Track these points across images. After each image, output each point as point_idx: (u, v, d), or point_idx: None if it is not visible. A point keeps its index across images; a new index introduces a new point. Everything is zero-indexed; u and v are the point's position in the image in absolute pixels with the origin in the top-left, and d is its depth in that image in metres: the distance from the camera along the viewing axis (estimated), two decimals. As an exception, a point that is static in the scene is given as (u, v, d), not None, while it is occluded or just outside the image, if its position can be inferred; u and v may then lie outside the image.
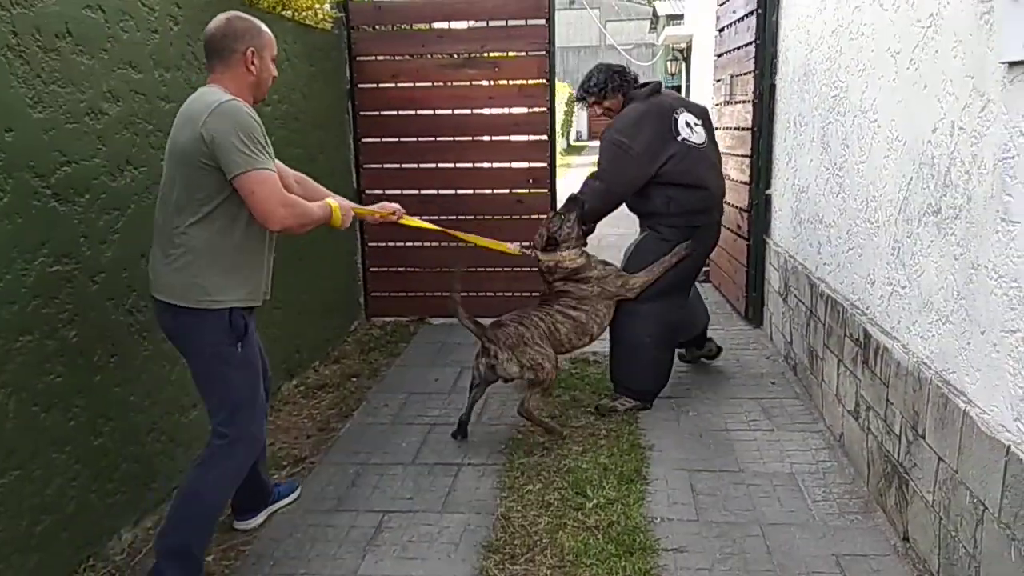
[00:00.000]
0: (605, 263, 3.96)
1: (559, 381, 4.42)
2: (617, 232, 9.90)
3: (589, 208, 3.91)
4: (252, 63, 2.51)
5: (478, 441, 3.76)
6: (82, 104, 2.66)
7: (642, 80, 4.13)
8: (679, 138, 3.82)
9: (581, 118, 38.91)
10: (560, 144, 26.80)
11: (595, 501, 3.12)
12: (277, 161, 2.69)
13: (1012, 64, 2.03)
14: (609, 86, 3.98)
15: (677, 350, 4.41)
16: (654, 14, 29.91)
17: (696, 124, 3.91)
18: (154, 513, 3.11)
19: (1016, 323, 2.03)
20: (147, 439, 3.08)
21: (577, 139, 37.25)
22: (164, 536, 2.57)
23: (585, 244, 3.97)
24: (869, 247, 3.19)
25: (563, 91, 25.58)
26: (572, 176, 18.89)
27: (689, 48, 10.86)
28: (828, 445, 3.59)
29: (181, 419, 3.30)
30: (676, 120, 3.85)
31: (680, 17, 19.90)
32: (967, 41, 2.30)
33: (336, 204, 2.72)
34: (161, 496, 3.17)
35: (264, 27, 2.58)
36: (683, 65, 12.27)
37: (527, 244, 4.06)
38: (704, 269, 4.45)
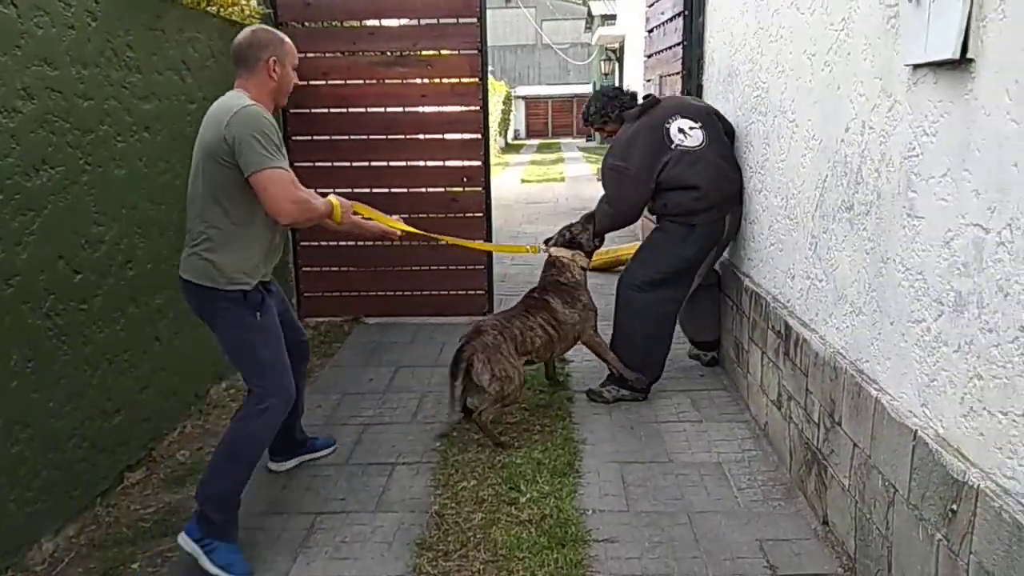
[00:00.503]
0: (591, 298, 4.14)
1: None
2: (553, 230, 10.04)
3: (599, 229, 4.19)
4: (274, 71, 2.79)
5: (413, 439, 3.76)
6: (-6, 101, 2.57)
7: (645, 93, 4.49)
8: (672, 146, 3.92)
9: (519, 117, 39.08)
10: (498, 143, 26.86)
11: (528, 495, 3.16)
12: None
13: (916, 66, 2.13)
14: (605, 113, 4.23)
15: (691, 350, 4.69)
16: (589, 14, 30.20)
17: (693, 127, 3.99)
18: (77, 521, 3.03)
19: (921, 313, 2.14)
20: (68, 445, 2.99)
21: (515, 138, 37.36)
22: (204, 485, 2.79)
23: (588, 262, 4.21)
24: (789, 242, 3.30)
25: (500, 90, 25.66)
26: (509, 175, 19.00)
27: (622, 48, 11.02)
28: (753, 434, 3.70)
29: (104, 424, 3.22)
30: (668, 130, 3.96)
31: (614, 17, 20.16)
32: (876, 44, 2.40)
33: (337, 202, 2.91)
34: (84, 503, 3.09)
35: (287, 39, 2.86)
36: (616, 65, 12.44)
37: (549, 239, 4.27)
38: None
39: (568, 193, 14.31)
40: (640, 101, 4.24)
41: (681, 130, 3.96)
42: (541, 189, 15.18)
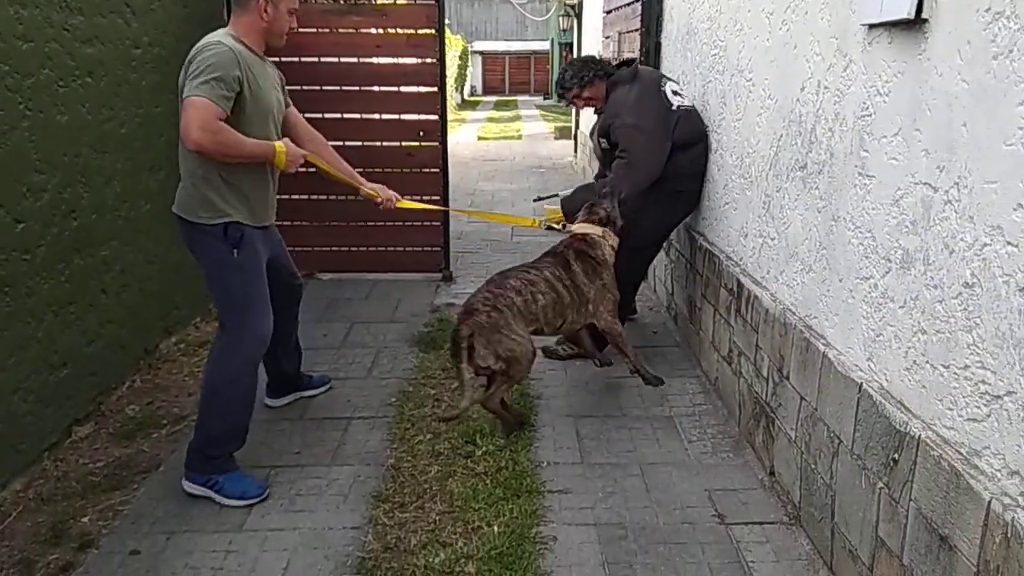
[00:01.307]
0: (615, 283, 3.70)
1: (449, 336, 4.45)
2: (509, 188, 10.00)
3: (625, 195, 3.81)
4: (265, 11, 2.80)
5: (368, 395, 3.75)
6: (-76, 39, 2.44)
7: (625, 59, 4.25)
8: (673, 107, 3.86)
9: (475, 73, 38.55)
10: (454, 99, 26.51)
11: (484, 449, 3.19)
12: (294, 111, 3.18)
13: (871, 26, 2.16)
14: (586, 76, 4.02)
15: None
16: (547, -32, 29.76)
17: (680, 90, 3.99)
18: (24, 475, 2.97)
19: (869, 270, 2.19)
20: (12, 399, 2.92)
21: (472, 94, 36.91)
22: (197, 428, 2.91)
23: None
24: (743, 201, 3.34)
25: (456, 44, 25.23)
26: (465, 131, 18.81)
27: (581, 4, 10.91)
28: (704, 389, 3.78)
29: (50, 377, 3.15)
30: (664, 93, 3.89)
31: (572, -28, 19.90)
32: (833, 3, 2.42)
33: (283, 146, 2.85)
34: (31, 457, 3.03)
35: None
36: (575, 21, 12.32)
37: (554, 222, 4.01)
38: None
39: (525, 151, 14.25)
40: (616, 65, 4.16)
41: (675, 92, 3.94)
42: (498, 147, 15.09)
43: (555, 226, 4.03)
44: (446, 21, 5.47)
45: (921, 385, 1.92)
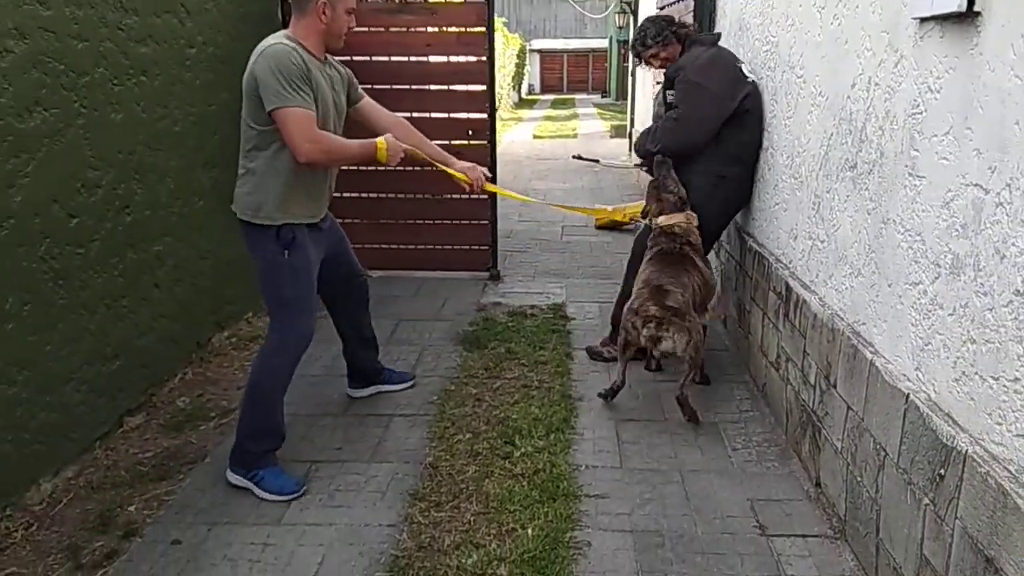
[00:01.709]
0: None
1: (496, 333, 4.46)
2: (562, 187, 9.95)
3: (663, 148, 3.80)
4: (324, 13, 2.81)
5: (411, 392, 3.77)
6: (-16, 41, 2.53)
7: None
8: (748, 79, 3.77)
9: (533, 71, 38.54)
10: (511, 97, 26.54)
11: (523, 450, 3.17)
12: (369, 101, 3.27)
13: (923, 20, 2.06)
14: (667, 33, 3.94)
15: None
16: (607, -35, 29.54)
17: (753, 73, 3.87)
18: (76, 463, 3.07)
19: (919, 275, 2.10)
20: (66, 388, 3.02)
21: (529, 92, 36.92)
22: (240, 422, 2.98)
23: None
24: (793, 202, 3.24)
25: (514, 43, 25.27)
26: (521, 130, 18.81)
27: (637, 1, 10.80)
28: (751, 395, 3.69)
29: (103, 368, 3.24)
30: (740, 67, 3.81)
31: (632, -31, 19.70)
32: (885, -4, 2.32)
33: (383, 141, 2.95)
34: (83, 446, 3.12)
35: None
36: (631, 19, 12.17)
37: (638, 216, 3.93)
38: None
39: (580, 149, 14.12)
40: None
41: (751, 71, 3.84)
42: (553, 145, 15.04)
43: (635, 220, 3.91)
44: (503, 19, 5.47)
45: (970, 397, 1.83)
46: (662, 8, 6.23)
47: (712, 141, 3.74)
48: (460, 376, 3.90)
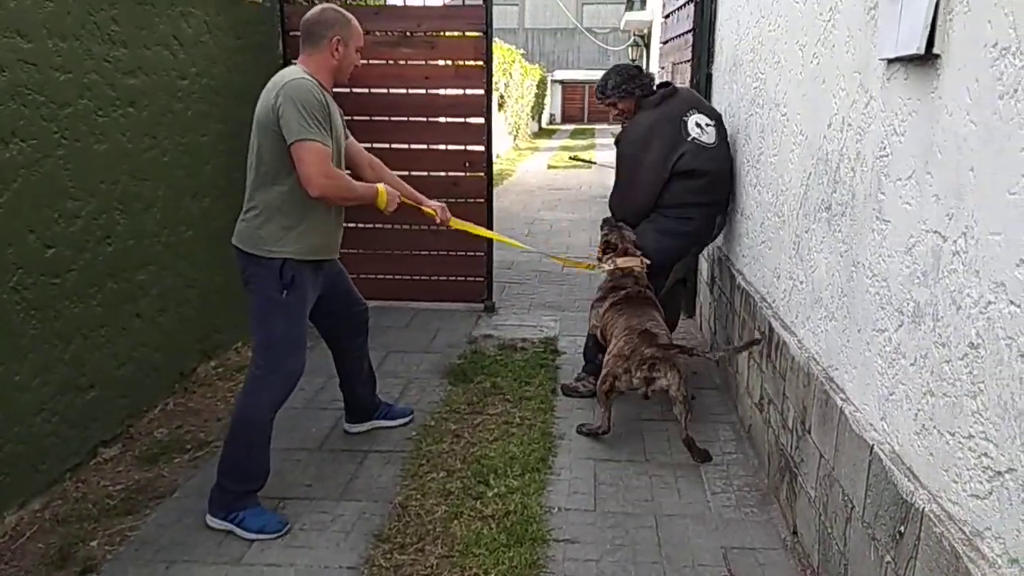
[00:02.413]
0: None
1: (483, 367, 4.41)
2: (570, 217, 9.90)
3: (620, 215, 4.08)
4: (336, 49, 2.89)
5: (390, 427, 3.71)
6: (-43, 73, 2.54)
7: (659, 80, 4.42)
8: (689, 138, 3.89)
9: (554, 101, 38.76)
10: (531, 127, 26.68)
11: (496, 490, 3.10)
12: (352, 140, 3.25)
13: (890, 61, 2.01)
14: (621, 89, 4.07)
15: None
16: (628, -2, 29.75)
17: (708, 125, 3.97)
18: (44, 495, 3.03)
19: (885, 323, 2.03)
20: (35, 420, 2.99)
21: (550, 122, 37.11)
22: (221, 460, 2.92)
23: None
24: (777, 241, 3.18)
25: (534, 74, 25.43)
26: (536, 160, 18.85)
27: (650, 34, 10.82)
28: (737, 437, 3.60)
29: (76, 399, 3.22)
30: (685, 123, 3.92)
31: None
32: (857, 36, 2.28)
33: (384, 189, 3.04)
34: (52, 478, 3.09)
35: (353, 20, 2.95)
36: (644, 51, 12.20)
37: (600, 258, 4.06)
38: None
39: (593, 180, 14.13)
40: (656, 85, 4.16)
41: (698, 124, 3.94)
42: (567, 175, 15.03)
43: (599, 268, 4.00)
44: (520, 51, 5.48)
45: (929, 452, 1.75)
46: (665, 43, 6.22)
47: (657, 198, 3.93)
48: (442, 411, 3.84)
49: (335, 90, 3.01)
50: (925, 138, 1.80)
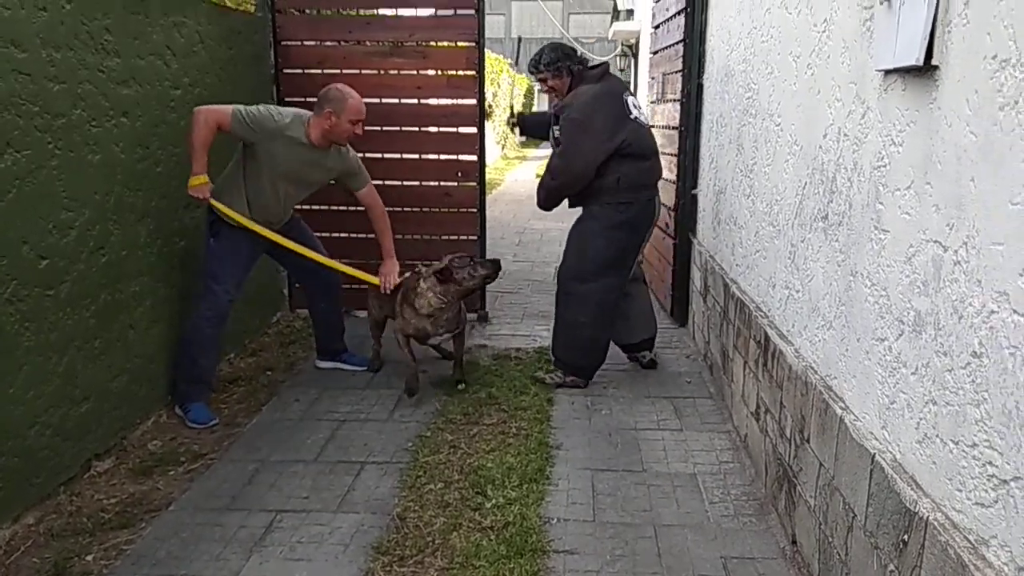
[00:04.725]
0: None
1: (478, 377, 4.40)
2: (560, 227, 9.89)
3: (553, 186, 4.18)
4: (329, 118, 3.79)
5: (386, 438, 3.70)
6: (-49, 83, 2.52)
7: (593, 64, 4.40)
8: (631, 116, 4.07)
9: (542, 109, 38.86)
10: (516, 137, 26.71)
11: (494, 501, 3.09)
12: (367, 190, 4.22)
13: (887, 72, 2.03)
14: (556, 66, 4.17)
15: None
16: (615, 8, 29.87)
17: (638, 107, 4.20)
18: (38, 509, 3.00)
19: (884, 331, 2.04)
20: (29, 433, 2.96)
21: (536, 131, 37.12)
22: (175, 366, 3.93)
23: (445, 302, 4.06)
24: (772, 250, 3.20)
25: (521, 82, 25.48)
26: (524, 169, 18.88)
27: (638, 44, 10.85)
28: (733, 446, 3.60)
29: (70, 412, 3.19)
30: (626, 101, 4.11)
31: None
32: (852, 47, 2.30)
33: (200, 180, 3.67)
34: (46, 491, 3.06)
35: (350, 100, 3.80)
36: (632, 61, 12.25)
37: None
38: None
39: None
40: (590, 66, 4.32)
41: (635, 105, 4.15)
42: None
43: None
44: (508, 61, 5.50)
45: (932, 461, 1.76)
46: (655, 53, 6.25)
47: (598, 175, 4.02)
48: (437, 422, 3.83)
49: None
50: (924, 148, 1.82)
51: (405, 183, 5.37)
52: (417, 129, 5.33)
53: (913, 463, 1.85)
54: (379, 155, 5.33)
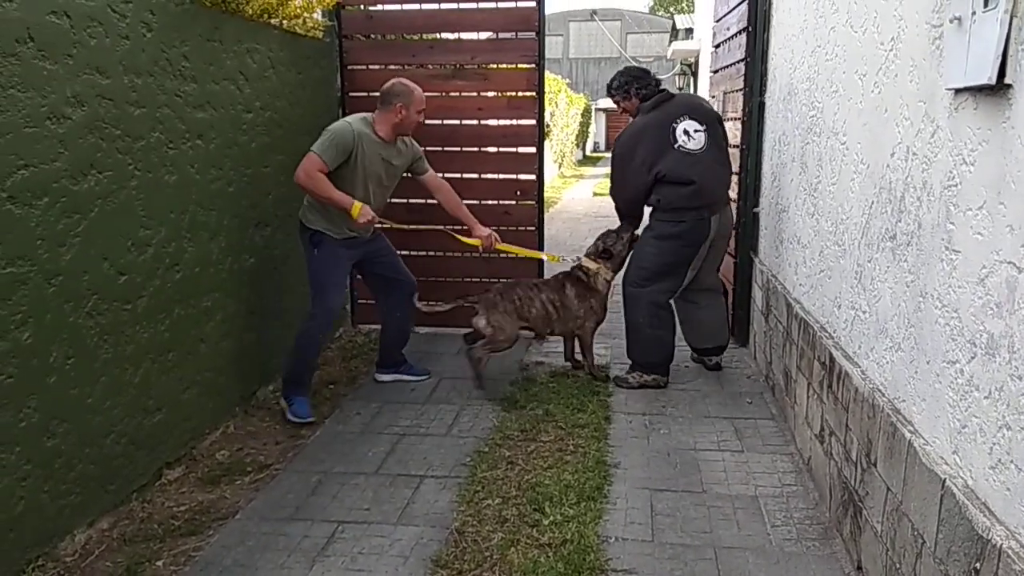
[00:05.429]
0: (604, 307, 4.71)
1: (535, 394, 4.42)
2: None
3: (617, 207, 4.71)
4: (399, 112, 4.04)
5: (445, 452, 3.74)
6: (43, 108, 2.67)
7: (664, 87, 4.68)
8: (675, 145, 4.28)
9: (599, 129, 38.91)
10: (575, 155, 26.79)
11: (552, 518, 3.09)
12: (431, 174, 4.55)
13: (957, 91, 2.00)
14: (624, 90, 4.54)
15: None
16: (673, 27, 29.83)
17: (698, 130, 4.33)
18: (111, 515, 3.12)
19: (956, 354, 2.00)
20: (105, 441, 3.09)
21: (594, 150, 37.26)
22: (283, 365, 4.22)
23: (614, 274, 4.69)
24: (837, 270, 3.15)
25: (578, 103, 25.58)
26: (581, 187, 18.91)
27: (696, 63, 10.84)
28: (796, 469, 3.54)
29: (144, 421, 3.31)
30: (674, 130, 4.31)
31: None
32: (921, 66, 2.27)
33: (359, 206, 3.92)
34: (120, 498, 3.18)
35: (416, 91, 4.11)
36: (691, 80, 12.23)
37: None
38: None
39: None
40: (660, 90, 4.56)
41: (687, 132, 4.31)
42: (611, 202, 15.01)
43: (563, 258, 4.94)
44: (566, 80, 5.57)
45: (1006, 487, 1.71)
46: (716, 72, 6.23)
47: (648, 194, 4.39)
48: (495, 437, 3.86)
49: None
50: (997, 168, 1.78)
51: (465, 202, 5.42)
52: (477, 149, 5.42)
53: (986, 489, 1.81)
54: (440, 174, 5.41)
